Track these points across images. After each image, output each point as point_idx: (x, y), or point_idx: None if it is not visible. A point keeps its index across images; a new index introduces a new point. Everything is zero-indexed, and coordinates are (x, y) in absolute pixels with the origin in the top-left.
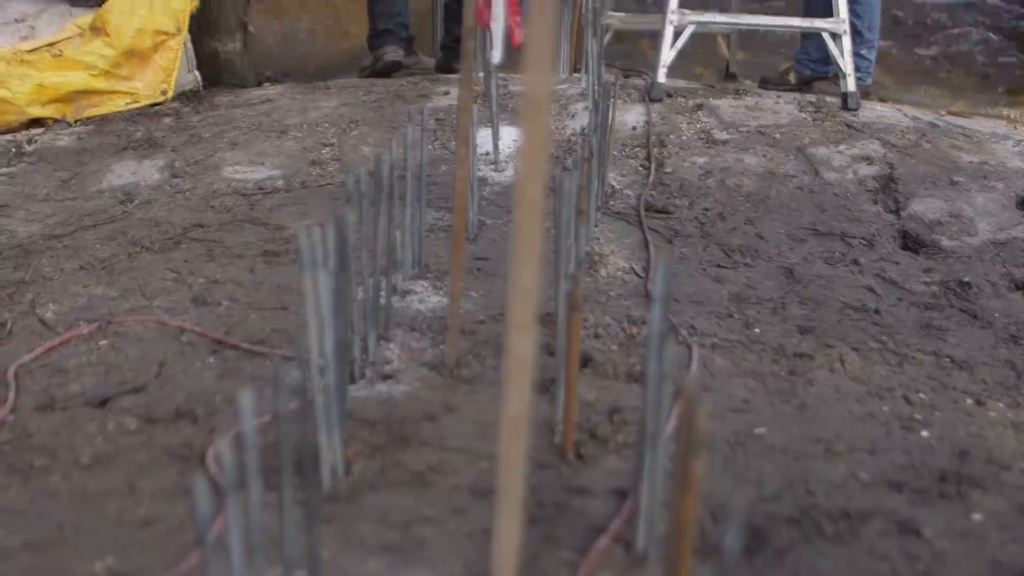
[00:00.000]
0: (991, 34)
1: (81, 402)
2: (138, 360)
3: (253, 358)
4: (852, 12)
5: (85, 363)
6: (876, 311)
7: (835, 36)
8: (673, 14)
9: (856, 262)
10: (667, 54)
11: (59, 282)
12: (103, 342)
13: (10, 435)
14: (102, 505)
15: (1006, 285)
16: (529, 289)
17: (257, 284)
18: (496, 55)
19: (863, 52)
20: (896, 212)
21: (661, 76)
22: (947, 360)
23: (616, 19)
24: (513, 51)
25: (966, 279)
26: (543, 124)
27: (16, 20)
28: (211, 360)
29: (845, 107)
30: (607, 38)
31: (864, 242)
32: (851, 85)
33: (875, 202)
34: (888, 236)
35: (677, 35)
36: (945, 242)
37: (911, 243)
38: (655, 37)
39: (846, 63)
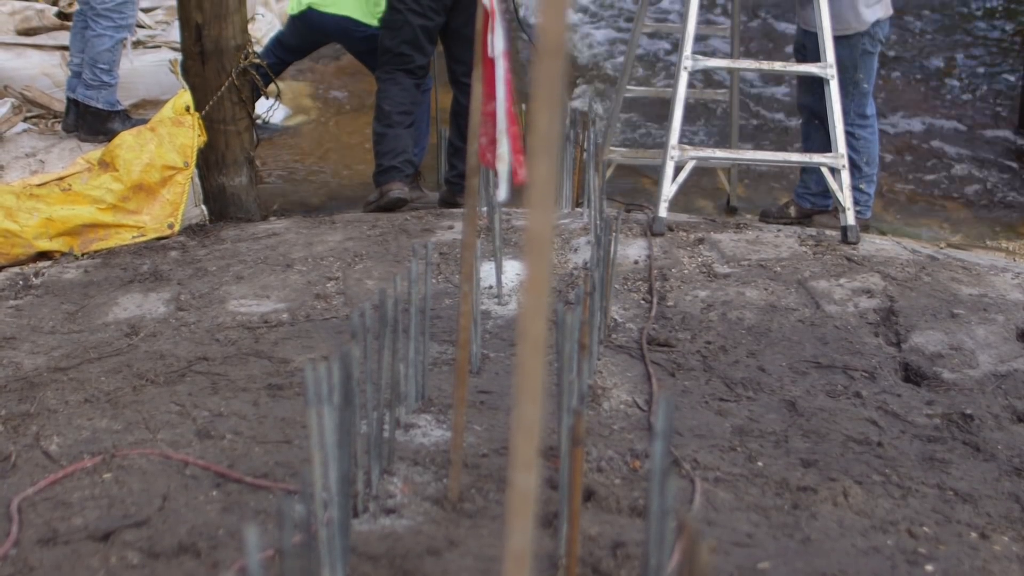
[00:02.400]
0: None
1: (84, 536)
2: (141, 493)
3: (257, 491)
4: (850, 146)
5: (88, 496)
6: (879, 444)
7: (834, 171)
8: (674, 149)
9: (858, 395)
10: (668, 189)
11: (64, 415)
12: (107, 475)
13: (12, 569)
14: None
15: (1008, 417)
16: (532, 424)
17: (261, 417)
18: (501, 193)
19: (862, 186)
20: (897, 344)
21: (662, 211)
22: (951, 493)
23: (618, 154)
24: (517, 187)
25: (968, 411)
26: (546, 261)
27: (27, 154)
28: (214, 493)
29: (845, 240)
30: (609, 173)
31: (866, 375)
32: (850, 219)
33: (876, 335)
34: (890, 368)
35: (678, 170)
36: (947, 374)
37: (913, 375)
38: (656, 171)
39: (845, 197)
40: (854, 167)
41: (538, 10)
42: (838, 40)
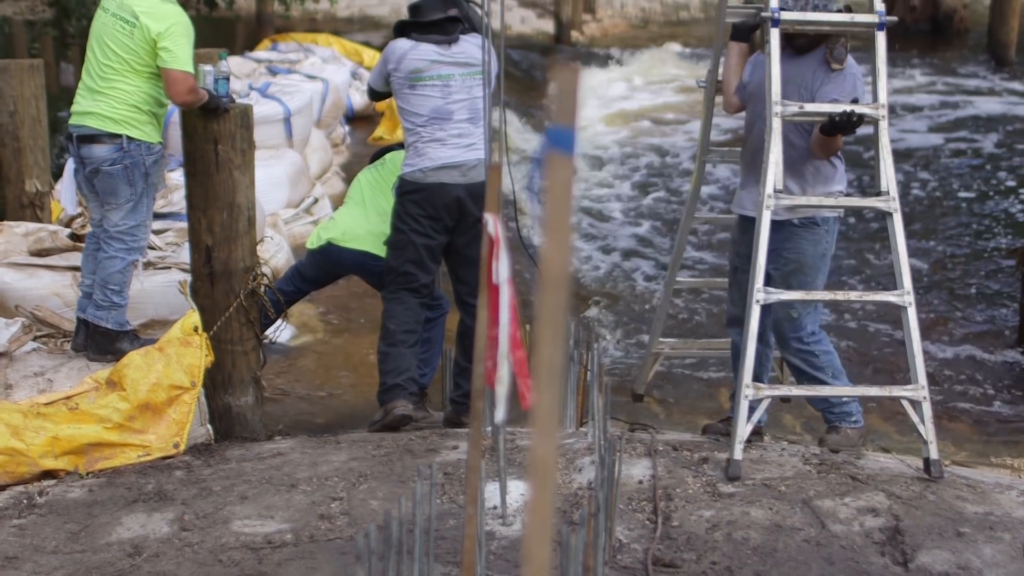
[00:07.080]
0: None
1: None
2: None
3: None
4: (812, 365)
5: None
6: None
7: (915, 403)
8: (748, 388)
9: None
10: (743, 430)
11: None
12: None
13: None
14: None
15: None
16: None
17: None
18: (499, 414)
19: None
20: (904, 564)
21: (737, 453)
22: None
23: (667, 345)
24: (518, 408)
25: None
26: (550, 486)
27: (35, 373)
28: None
29: (928, 474)
30: (656, 366)
31: None
32: (934, 452)
33: (882, 554)
34: None
35: (752, 409)
36: None
37: None
38: (661, 390)
39: (927, 431)
40: (819, 383)
41: (542, 242)
42: (803, 228)
